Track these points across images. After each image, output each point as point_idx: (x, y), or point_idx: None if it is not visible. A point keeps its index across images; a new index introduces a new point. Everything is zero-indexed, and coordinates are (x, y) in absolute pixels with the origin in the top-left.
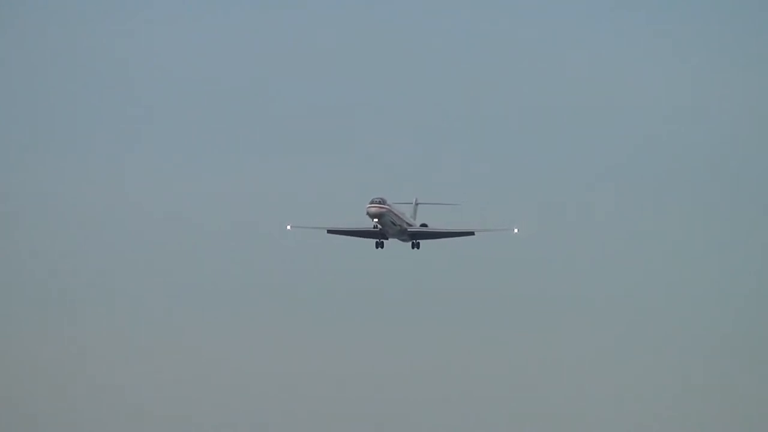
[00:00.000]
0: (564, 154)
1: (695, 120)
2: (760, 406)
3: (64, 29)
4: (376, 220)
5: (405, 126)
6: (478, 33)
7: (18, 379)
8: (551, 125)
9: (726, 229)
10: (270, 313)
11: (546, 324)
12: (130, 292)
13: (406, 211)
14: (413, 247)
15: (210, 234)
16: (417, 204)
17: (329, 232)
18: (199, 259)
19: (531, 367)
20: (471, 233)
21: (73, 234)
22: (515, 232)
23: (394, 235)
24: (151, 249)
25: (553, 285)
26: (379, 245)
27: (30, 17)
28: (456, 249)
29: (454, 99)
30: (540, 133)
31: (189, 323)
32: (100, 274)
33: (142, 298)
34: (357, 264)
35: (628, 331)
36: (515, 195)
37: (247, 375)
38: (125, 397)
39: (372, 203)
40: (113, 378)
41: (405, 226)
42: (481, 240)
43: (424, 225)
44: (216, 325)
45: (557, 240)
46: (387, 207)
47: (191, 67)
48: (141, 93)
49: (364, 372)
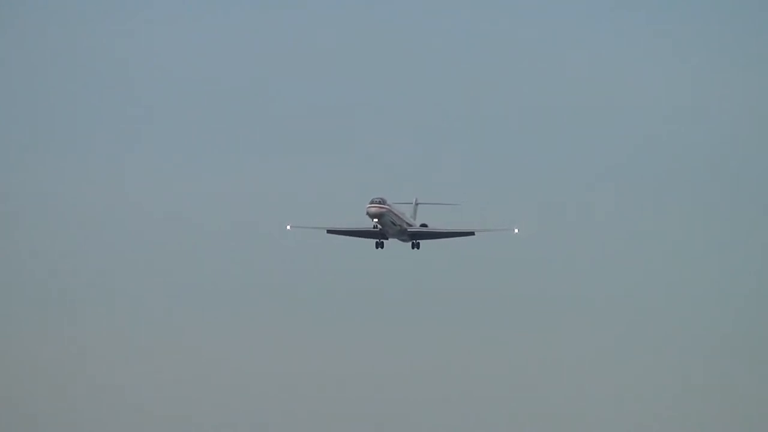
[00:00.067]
0: (564, 154)
1: (695, 120)
2: (760, 406)
3: (64, 29)
4: (376, 220)
5: (405, 126)
6: (478, 33)
7: (18, 379)
8: (551, 125)
9: (726, 229)
10: (270, 313)
11: (546, 324)
12: (130, 292)
13: (406, 211)
14: (413, 247)
15: (210, 234)
16: (417, 204)
17: (329, 232)
18: (199, 259)
19: (531, 367)
20: (471, 233)
21: (73, 234)
22: (515, 232)
23: (394, 235)
24: (151, 249)
25: (553, 285)
26: (379, 245)
27: (30, 17)
28: (456, 249)
29: (454, 99)
30: (540, 133)
31: (189, 323)
32: (100, 274)
33: (142, 298)
34: (357, 264)
35: (628, 331)
36: (515, 195)
37: (247, 375)
38: (125, 397)
39: (372, 203)
40: (113, 378)
41: (405, 226)
42: (482, 240)
43: (424, 225)
44: (216, 325)
45: (557, 240)
46: (387, 207)
47: (191, 67)
48: (141, 93)
49: (364, 372)
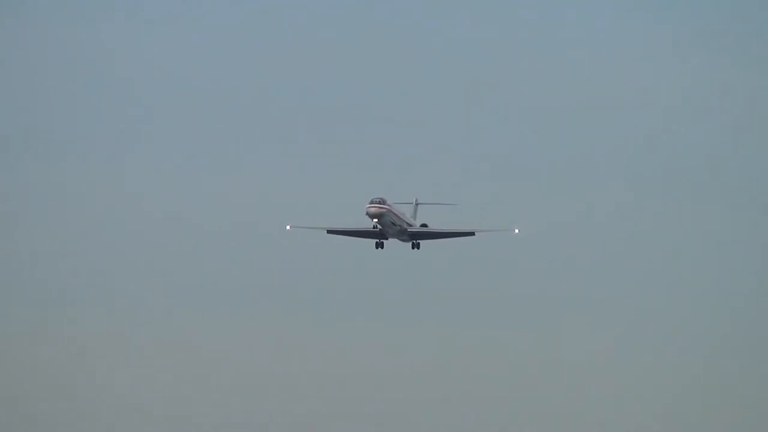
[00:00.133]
0: (564, 154)
1: (695, 120)
2: (760, 406)
3: (64, 29)
4: (375, 220)
5: (405, 126)
6: (478, 33)
7: (18, 379)
8: (551, 125)
9: (726, 229)
10: (270, 313)
11: (546, 324)
12: (130, 292)
13: (406, 211)
14: (413, 248)
15: (210, 234)
16: (417, 204)
17: (329, 232)
18: (199, 259)
19: (531, 367)
20: (471, 233)
21: (73, 234)
22: (516, 232)
23: (394, 236)
24: (151, 249)
25: (553, 285)
26: (379, 245)
27: (30, 17)
28: (456, 249)
29: (454, 99)
30: (540, 133)
31: (189, 323)
32: (100, 274)
33: (142, 298)
34: (357, 264)
35: (628, 331)
36: (515, 195)
37: (247, 375)
38: (125, 397)
39: (372, 203)
40: (113, 378)
41: (405, 226)
42: (482, 240)
43: (424, 225)
44: (216, 325)
45: (557, 240)
46: (387, 207)
47: (191, 67)
48: (141, 93)
49: (364, 372)
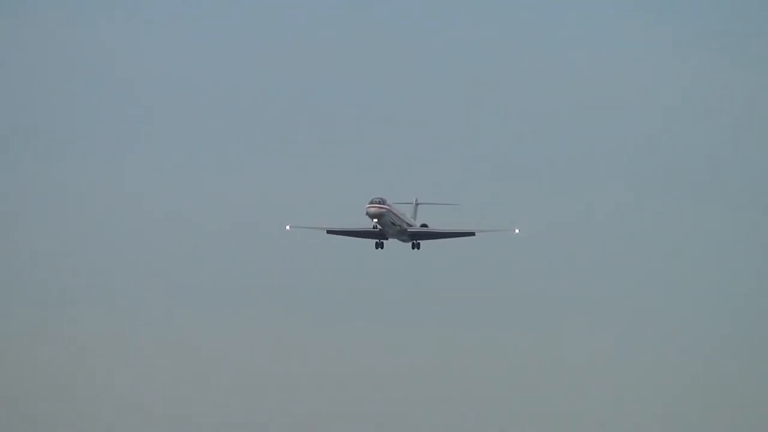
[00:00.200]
0: (564, 153)
1: (695, 120)
2: (760, 406)
3: (64, 29)
4: (375, 220)
5: (405, 126)
6: (478, 33)
7: (18, 379)
8: (551, 125)
9: (726, 229)
10: (270, 313)
11: (546, 324)
12: (130, 292)
13: (406, 212)
14: (413, 248)
15: (210, 234)
16: (417, 204)
17: (329, 232)
18: (199, 259)
19: (531, 367)
20: (471, 234)
21: (73, 234)
22: (516, 232)
23: (394, 236)
24: (151, 249)
25: (553, 285)
26: (379, 245)
27: (30, 17)
28: (456, 249)
29: (454, 99)
30: (540, 133)
31: (189, 323)
32: (100, 274)
33: (142, 298)
34: (357, 264)
35: (628, 331)
36: (515, 195)
37: (247, 375)
38: (125, 397)
39: (372, 203)
40: (113, 378)
41: (405, 226)
42: (482, 240)
43: (424, 225)
44: (216, 325)
45: (557, 240)
46: (387, 207)
47: (191, 67)
48: (141, 93)
49: (364, 372)
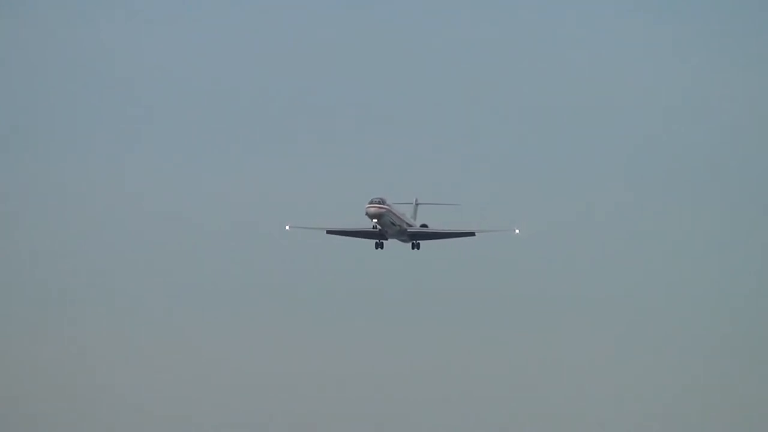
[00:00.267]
0: (564, 153)
1: (695, 120)
2: (760, 406)
3: (64, 29)
4: (375, 220)
5: (405, 126)
6: (478, 33)
7: (18, 379)
8: (552, 125)
9: (726, 229)
10: (270, 313)
11: (546, 324)
12: (130, 292)
13: (406, 212)
14: (413, 248)
15: (210, 234)
16: (417, 204)
17: (328, 232)
18: (199, 259)
19: (531, 367)
20: (471, 234)
21: (73, 234)
22: (516, 232)
23: (393, 236)
24: (151, 249)
25: (553, 285)
26: (379, 246)
27: (30, 17)
28: (456, 250)
29: (454, 99)
30: (540, 133)
31: (189, 323)
32: (100, 274)
33: (142, 298)
34: (357, 264)
35: (628, 331)
36: (515, 195)
37: (247, 375)
38: (125, 397)
39: (371, 203)
40: (113, 378)
41: (405, 226)
42: (482, 241)
43: (424, 225)
44: (216, 325)
45: (557, 240)
46: (386, 207)
47: (191, 67)
48: (141, 93)
49: (364, 372)
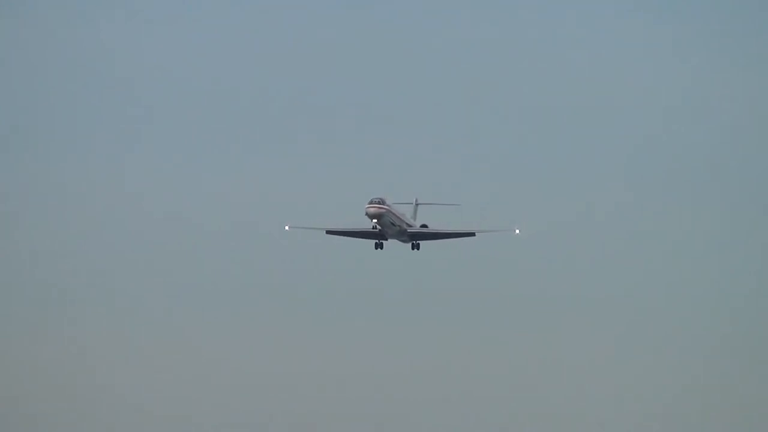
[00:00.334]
0: (564, 153)
1: (695, 120)
2: (760, 406)
3: (64, 29)
4: (375, 220)
5: (405, 126)
6: (478, 33)
7: (18, 379)
8: (552, 125)
9: (726, 229)
10: (270, 313)
11: (546, 324)
12: (130, 292)
13: (406, 212)
14: (413, 248)
15: (210, 234)
16: (417, 204)
17: (328, 232)
18: (199, 259)
19: (531, 367)
20: (472, 234)
21: (73, 234)
22: (516, 232)
23: (393, 236)
24: (151, 249)
25: (553, 285)
26: (379, 246)
27: (30, 17)
28: (456, 250)
29: (454, 99)
30: (540, 133)
31: (189, 323)
32: (100, 274)
33: (142, 298)
34: (356, 264)
35: (628, 331)
36: (515, 195)
37: (247, 375)
38: (125, 397)
39: (371, 203)
40: (113, 378)
41: (404, 226)
42: (482, 241)
43: (424, 225)
44: (216, 325)
45: (557, 240)
46: (386, 207)
47: (191, 67)
48: (141, 93)
49: (364, 372)
